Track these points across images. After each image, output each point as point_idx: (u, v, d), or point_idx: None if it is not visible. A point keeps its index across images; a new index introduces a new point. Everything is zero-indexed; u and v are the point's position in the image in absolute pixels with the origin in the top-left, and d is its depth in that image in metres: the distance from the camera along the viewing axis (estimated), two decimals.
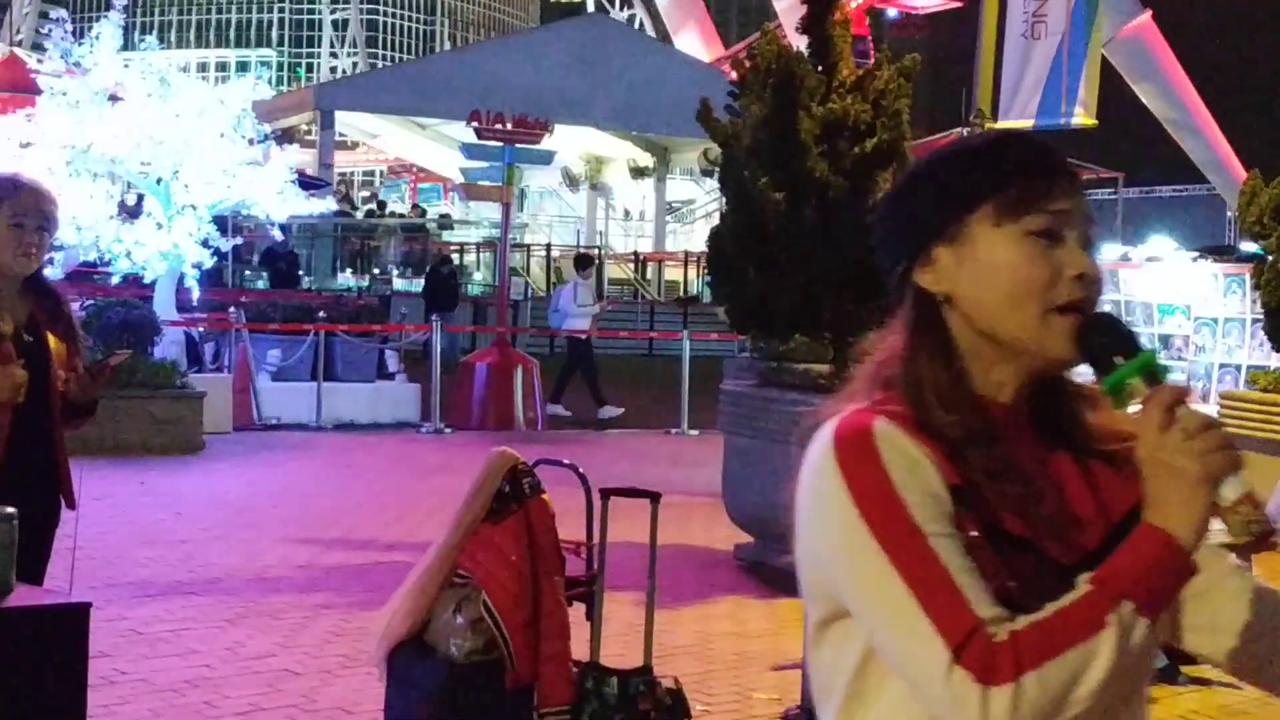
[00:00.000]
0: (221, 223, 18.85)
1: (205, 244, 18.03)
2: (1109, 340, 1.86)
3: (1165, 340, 17.29)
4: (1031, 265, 1.88)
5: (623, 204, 43.09)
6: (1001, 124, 13.85)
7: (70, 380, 4.90)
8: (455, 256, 29.46)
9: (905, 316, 1.97)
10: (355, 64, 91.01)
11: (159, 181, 18.07)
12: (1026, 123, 13.92)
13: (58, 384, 4.92)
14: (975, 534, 1.83)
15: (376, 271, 30.16)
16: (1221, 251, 20.55)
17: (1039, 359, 1.92)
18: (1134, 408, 1.82)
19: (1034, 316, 1.89)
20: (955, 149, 2.04)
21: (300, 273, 26.67)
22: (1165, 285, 17.35)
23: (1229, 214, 29.37)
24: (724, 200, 11.23)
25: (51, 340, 4.94)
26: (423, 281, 27.19)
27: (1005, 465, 1.88)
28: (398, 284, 28.66)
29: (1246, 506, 1.82)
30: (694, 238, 38.85)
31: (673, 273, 35.96)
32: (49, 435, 4.97)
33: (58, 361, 4.93)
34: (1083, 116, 13.41)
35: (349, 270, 30.01)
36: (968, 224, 1.91)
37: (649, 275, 35.74)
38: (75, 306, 15.46)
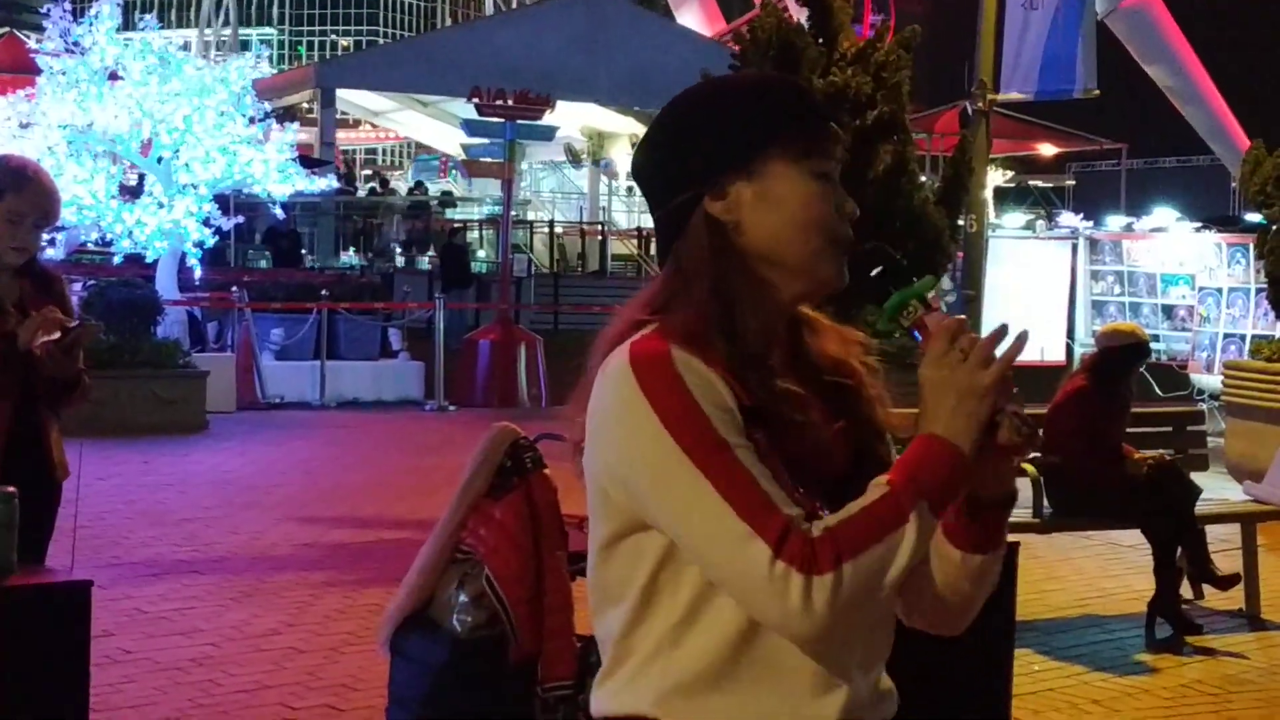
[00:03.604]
0: (223, 201, 18.82)
1: (207, 223, 18.00)
2: (884, 269, 2.12)
3: (1169, 310, 17.27)
4: (822, 202, 2.09)
5: (626, 180, 43.07)
6: (1004, 95, 13.81)
7: (43, 355, 4.87)
8: (448, 235, 29.40)
9: (691, 243, 2.10)
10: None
11: (159, 161, 18.04)
12: (1027, 94, 13.87)
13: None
14: (767, 447, 2.00)
15: (379, 249, 30.13)
16: (1225, 222, 20.51)
17: (813, 283, 2.13)
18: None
19: (817, 246, 2.10)
20: (744, 86, 2.25)
21: (303, 251, 26.63)
22: (1169, 256, 17.32)
23: (1232, 184, 29.28)
24: None
25: None
26: (431, 257, 27.18)
27: (781, 390, 2.05)
28: (400, 261, 28.60)
29: (1016, 416, 2.02)
30: None
31: None
32: (36, 416, 4.96)
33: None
34: (1085, 87, 13.34)
35: (351, 249, 29.95)
36: (768, 159, 2.09)
37: (652, 251, 35.68)
38: (77, 287, 15.51)
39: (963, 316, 2.08)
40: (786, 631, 1.93)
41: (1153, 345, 9.82)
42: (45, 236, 5.18)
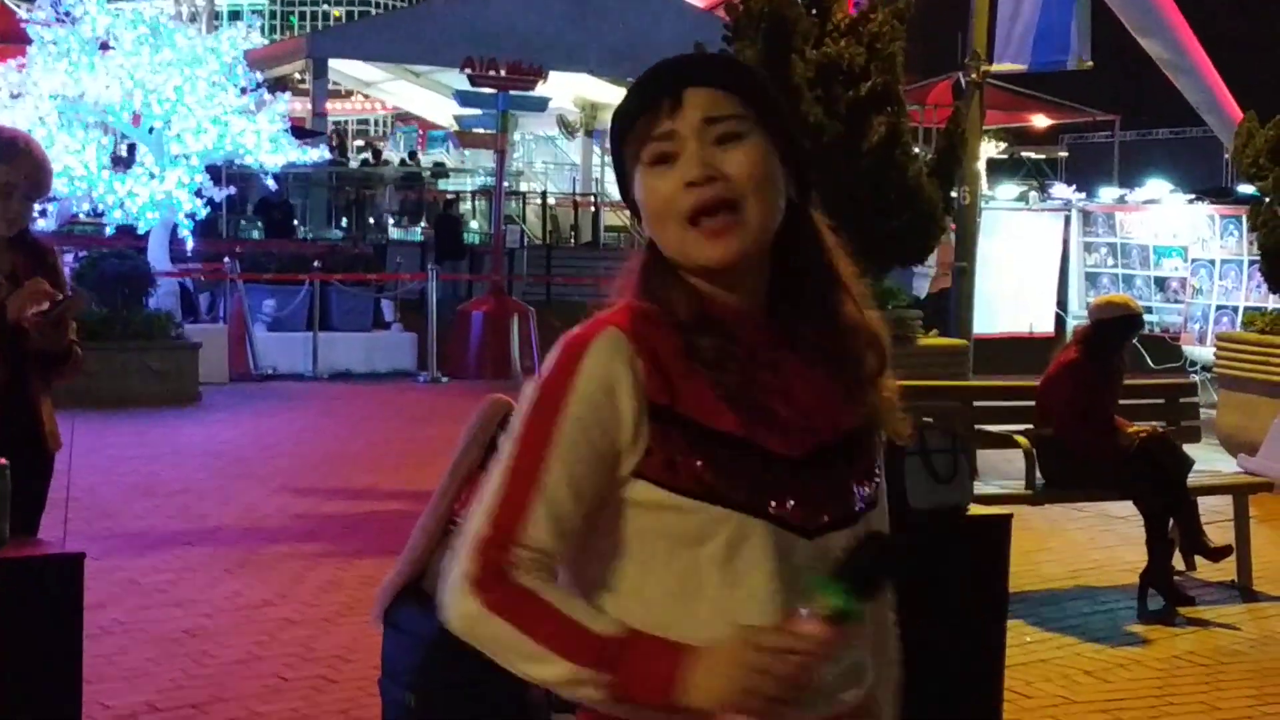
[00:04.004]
0: (214, 172, 18.77)
1: (198, 194, 17.95)
2: (865, 563, 1.92)
3: (1161, 282, 17.28)
4: (656, 192, 2.06)
5: None
6: (997, 67, 13.79)
7: (34, 326, 4.86)
8: (442, 206, 29.33)
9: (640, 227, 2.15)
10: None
11: (151, 131, 17.98)
12: (1021, 66, 13.85)
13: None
14: (676, 443, 1.99)
15: (372, 221, 30.07)
16: (1218, 193, 20.50)
17: (695, 269, 2.07)
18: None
19: (675, 232, 2.05)
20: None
21: (295, 222, 26.56)
22: (1162, 227, 17.32)
23: (1225, 156, 29.25)
24: None
25: None
26: (425, 228, 27.11)
27: (726, 354, 2.03)
28: (394, 233, 28.53)
29: None
30: None
31: None
32: (27, 388, 4.95)
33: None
34: (1078, 59, 13.32)
35: (344, 220, 29.89)
36: (627, 170, 2.11)
37: None
38: (69, 259, 15.47)
39: (827, 641, 1.88)
40: (441, 607, 2.01)
41: (1145, 317, 9.82)
42: (37, 208, 5.16)
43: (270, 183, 20.20)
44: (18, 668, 4.10)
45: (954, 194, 11.15)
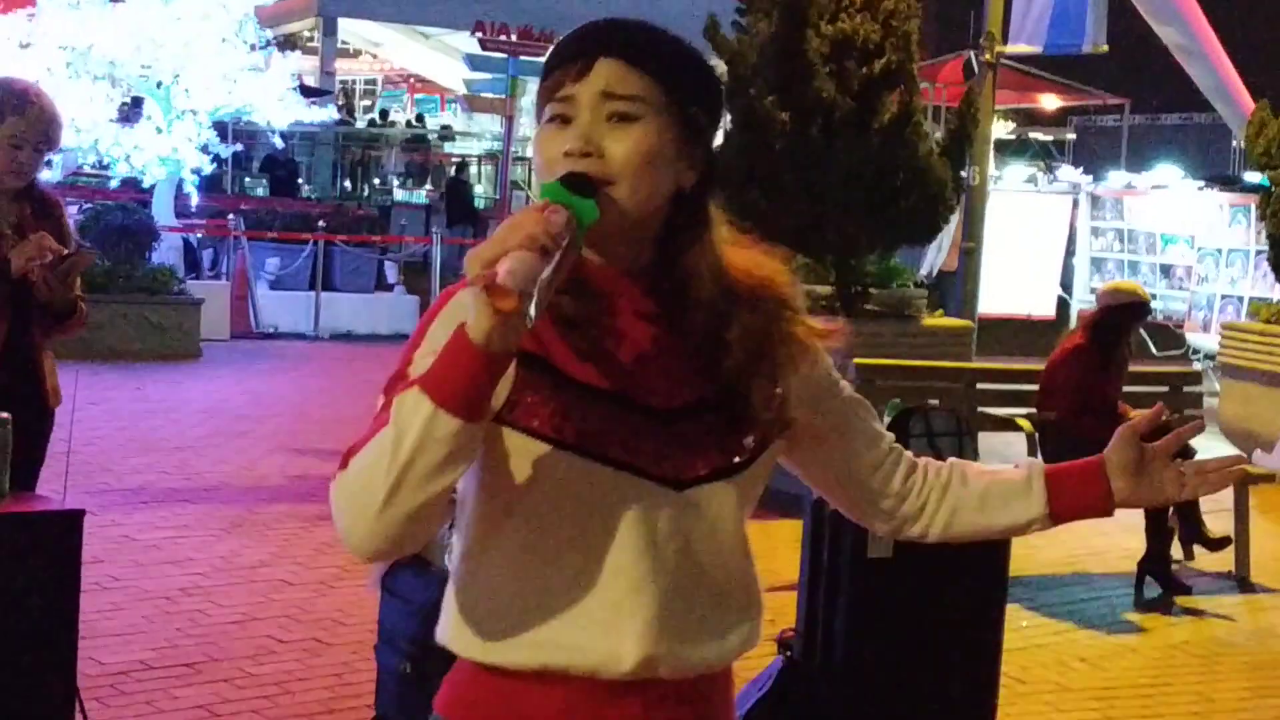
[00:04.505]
0: (222, 129, 18.71)
1: (205, 150, 17.89)
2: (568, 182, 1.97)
3: (1166, 270, 17.23)
4: (542, 150, 2.06)
5: None
6: (1011, 48, 13.73)
7: (40, 281, 4.84)
8: (453, 170, 29.22)
9: None
10: None
11: (159, 85, 17.92)
12: (1035, 48, 13.78)
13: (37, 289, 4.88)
14: (532, 385, 1.98)
15: (377, 182, 29.98)
16: (1226, 181, 20.45)
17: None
18: None
19: None
20: None
21: (300, 180, 26.49)
22: (1169, 215, 17.26)
23: (1234, 143, 29.17)
24: (728, 118, 11.15)
25: None
26: (429, 190, 27.05)
27: (579, 318, 2.02)
28: (398, 194, 28.45)
29: (490, 275, 1.82)
30: None
31: None
32: (30, 342, 4.93)
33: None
34: (1093, 43, 13.26)
35: (349, 180, 29.80)
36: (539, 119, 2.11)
37: None
38: (73, 210, 15.42)
39: (542, 208, 1.90)
40: (343, 544, 1.96)
41: (1151, 304, 9.81)
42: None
43: (277, 141, 20.13)
44: (15, 624, 4.08)
45: (964, 174, 11.08)
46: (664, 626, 2.03)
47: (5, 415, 4.14)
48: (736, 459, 2.09)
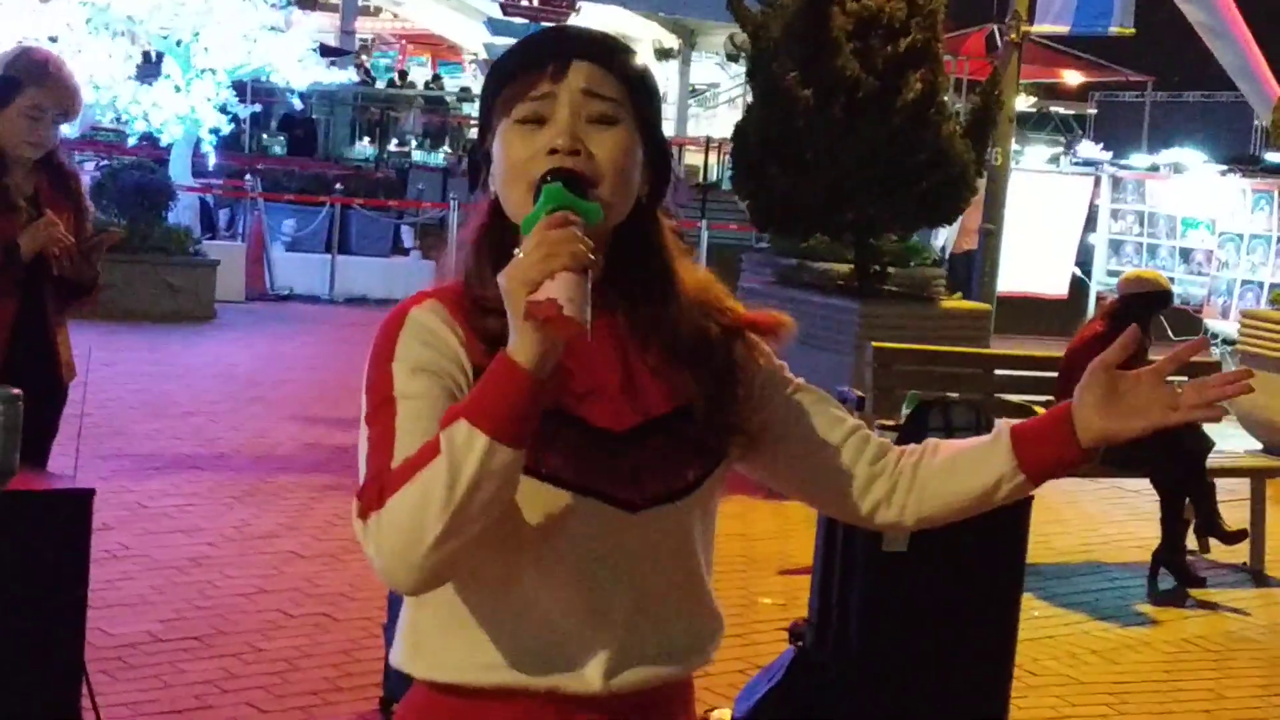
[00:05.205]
0: (240, 89, 18.63)
1: (223, 110, 17.82)
2: (558, 178, 1.93)
3: (1186, 254, 17.14)
4: (514, 149, 2.00)
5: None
6: (1038, 29, 13.62)
7: (63, 256, 4.81)
8: (475, 131, 29.07)
9: (478, 205, 2.11)
10: None
11: (179, 43, 17.83)
12: (1062, 28, 13.67)
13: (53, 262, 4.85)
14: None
15: (395, 141, 29.93)
16: (1247, 161, 20.33)
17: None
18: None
19: (521, 195, 1.98)
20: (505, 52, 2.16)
21: (318, 139, 26.42)
22: (1191, 199, 17.15)
23: (1255, 123, 28.98)
24: (749, 90, 11.10)
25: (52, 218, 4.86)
26: (447, 154, 26.96)
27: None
28: (416, 155, 28.36)
29: (548, 304, 1.78)
30: (716, 123, 38.48)
31: (693, 157, 35.65)
32: (44, 315, 4.91)
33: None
34: (1120, 24, 13.15)
35: (366, 139, 29.73)
36: (492, 123, 2.06)
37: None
38: (90, 166, 15.38)
39: (563, 218, 1.85)
40: (380, 579, 1.92)
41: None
42: None
43: (296, 103, 20.05)
44: (24, 601, 4.06)
45: (987, 155, 10.99)
46: (625, 646, 2.03)
47: (17, 392, 4.10)
48: (692, 476, 2.07)
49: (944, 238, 16.96)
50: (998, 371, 8.61)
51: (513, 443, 1.82)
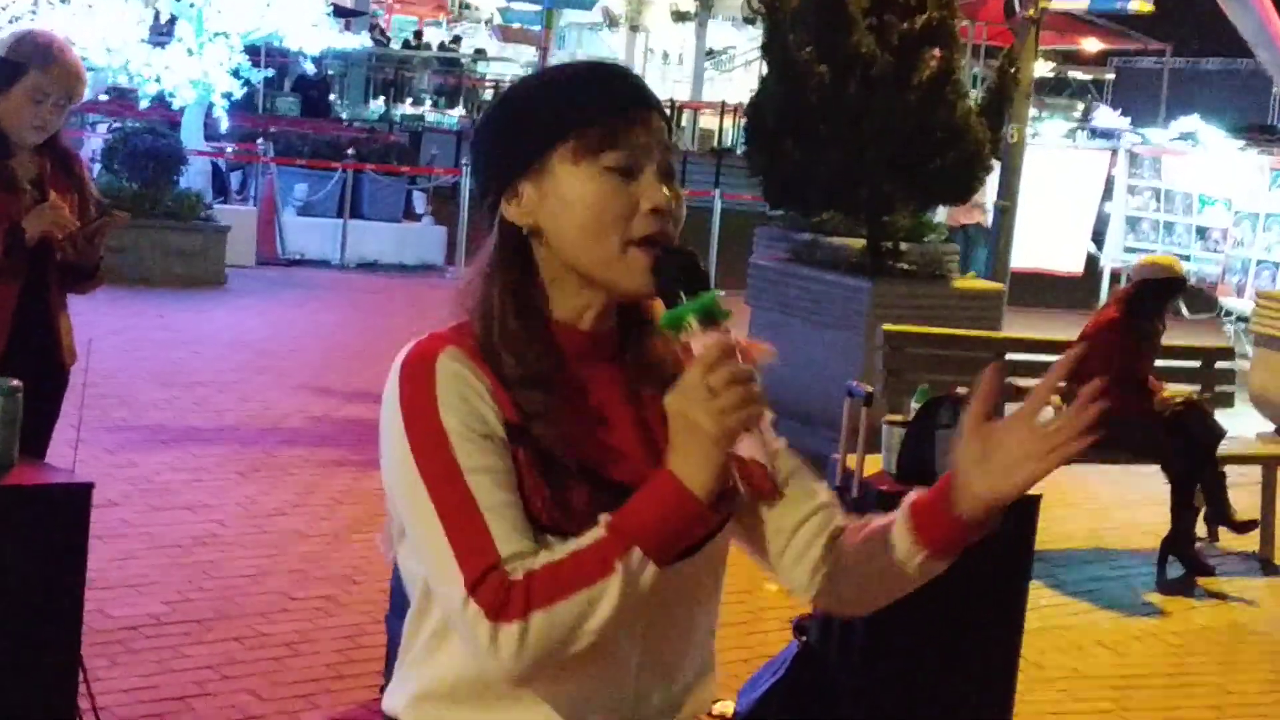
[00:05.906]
0: (253, 52, 18.51)
1: (236, 74, 17.72)
2: (680, 276, 1.89)
3: (1202, 231, 17.02)
4: (608, 200, 1.93)
5: (661, 47, 42.55)
6: (1056, 6, 13.51)
7: (67, 241, 4.78)
8: (489, 92, 29.06)
9: (490, 246, 2.02)
10: None
11: (191, 5, 17.73)
12: (1081, 4, 13.59)
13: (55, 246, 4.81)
14: (528, 468, 1.90)
15: (410, 102, 29.85)
16: (1264, 130, 20.20)
17: (616, 291, 1.97)
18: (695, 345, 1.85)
19: (612, 249, 1.93)
20: (543, 79, 2.08)
21: (332, 98, 26.32)
22: (1208, 176, 17.02)
23: (1275, 90, 28.85)
24: (765, 63, 11.01)
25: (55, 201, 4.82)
26: (462, 115, 26.89)
27: (548, 407, 1.93)
28: (429, 117, 28.29)
29: (756, 467, 1.83)
30: (732, 86, 38.37)
31: (708, 121, 35.52)
32: (47, 298, 4.87)
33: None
34: (1139, 1, 13.06)
35: (380, 98, 29.65)
36: (549, 159, 1.95)
37: (683, 123, 35.23)
38: (101, 129, 15.27)
39: (730, 342, 1.84)
40: (488, 671, 1.87)
41: (1184, 265, 9.67)
42: None
43: (309, 67, 19.94)
44: (19, 596, 4.02)
45: (1003, 132, 10.89)
46: (635, 704, 2.01)
47: (16, 383, 4.06)
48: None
49: (942, 213, 16.84)
50: (1010, 355, 8.55)
51: (669, 565, 1.86)
